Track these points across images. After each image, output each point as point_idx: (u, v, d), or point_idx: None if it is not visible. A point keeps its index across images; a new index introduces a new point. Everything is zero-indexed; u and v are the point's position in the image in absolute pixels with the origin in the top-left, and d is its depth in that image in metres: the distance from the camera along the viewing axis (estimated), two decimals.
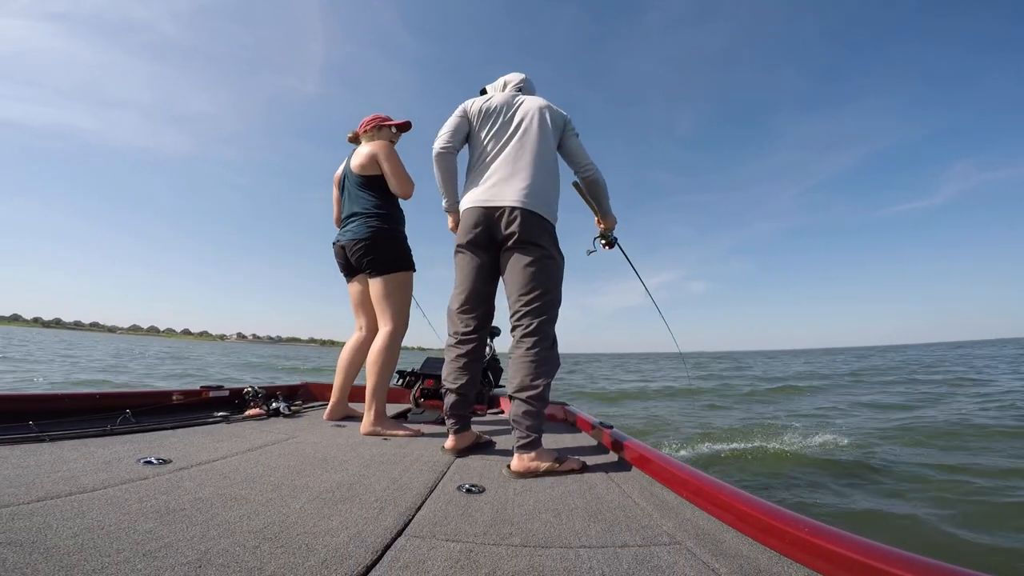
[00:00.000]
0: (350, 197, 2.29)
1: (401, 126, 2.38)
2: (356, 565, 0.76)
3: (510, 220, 1.62)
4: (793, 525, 0.83)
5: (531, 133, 1.72)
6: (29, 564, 0.68)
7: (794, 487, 3.47)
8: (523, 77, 1.95)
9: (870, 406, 7.74)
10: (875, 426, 5.78)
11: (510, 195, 1.63)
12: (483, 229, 1.66)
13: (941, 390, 9.56)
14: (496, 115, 1.76)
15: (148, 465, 1.30)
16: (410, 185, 2.23)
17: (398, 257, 2.24)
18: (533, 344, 1.58)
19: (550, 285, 1.64)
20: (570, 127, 1.82)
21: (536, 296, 1.61)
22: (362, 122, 2.37)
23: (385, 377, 2.15)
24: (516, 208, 1.62)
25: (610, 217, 2.01)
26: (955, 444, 4.64)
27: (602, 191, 1.89)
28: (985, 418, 5.85)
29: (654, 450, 1.50)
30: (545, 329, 1.62)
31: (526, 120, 1.74)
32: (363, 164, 2.23)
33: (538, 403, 1.54)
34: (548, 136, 1.74)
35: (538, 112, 1.75)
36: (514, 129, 1.73)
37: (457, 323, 1.76)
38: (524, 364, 1.57)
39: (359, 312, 2.44)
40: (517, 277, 1.63)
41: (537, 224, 1.64)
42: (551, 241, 1.67)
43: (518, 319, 1.63)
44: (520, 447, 1.50)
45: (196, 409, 2.39)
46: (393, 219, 2.28)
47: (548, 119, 1.75)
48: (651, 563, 0.83)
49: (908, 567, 0.63)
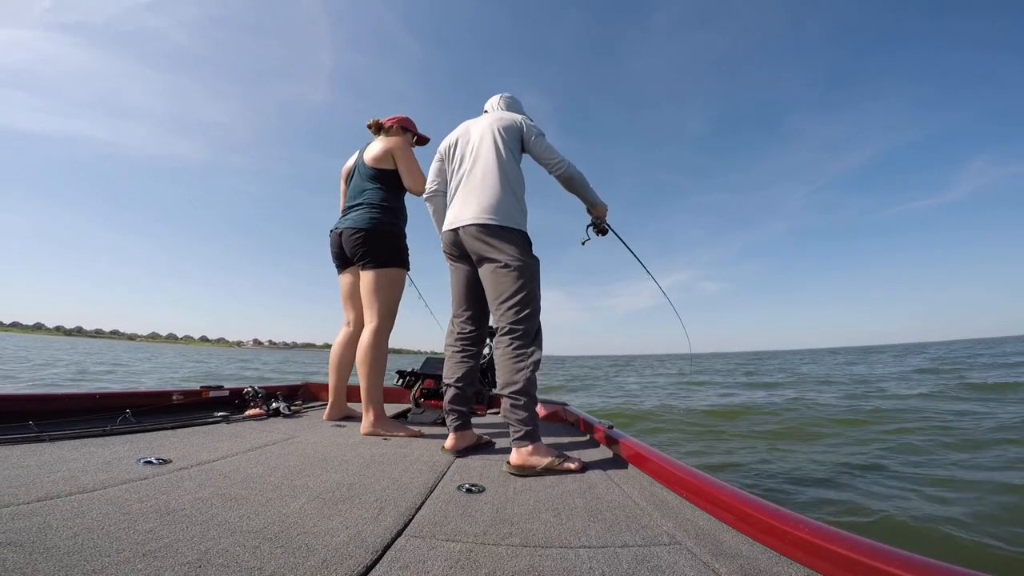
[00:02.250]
0: (357, 188, 2.31)
1: (420, 139, 2.48)
2: (356, 565, 0.76)
3: (469, 236, 1.75)
4: (793, 525, 0.83)
5: (482, 152, 1.82)
6: (29, 564, 0.68)
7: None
8: (499, 98, 2.06)
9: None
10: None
11: (468, 214, 1.76)
12: (455, 248, 1.83)
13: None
14: (455, 146, 1.91)
15: (148, 465, 1.30)
16: (423, 181, 2.26)
17: (393, 252, 2.24)
18: (509, 342, 1.67)
19: (517, 287, 1.70)
20: (529, 130, 1.85)
21: (506, 299, 1.70)
22: (391, 116, 2.42)
23: (377, 376, 2.15)
24: (471, 224, 1.74)
25: (599, 205, 2.02)
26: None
27: (578, 184, 1.91)
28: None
29: (654, 450, 1.50)
30: (522, 327, 1.68)
31: (476, 141, 1.85)
32: (378, 157, 2.26)
33: (521, 396, 1.59)
34: (499, 149, 1.80)
35: (488, 128, 1.85)
36: (468, 153, 1.85)
37: (454, 326, 1.91)
38: (503, 362, 1.66)
39: (348, 305, 2.44)
40: (488, 284, 1.76)
41: (497, 234, 1.72)
42: (513, 247, 1.72)
43: (497, 321, 1.74)
44: (515, 440, 1.56)
45: (196, 409, 2.39)
46: (396, 215, 2.29)
47: (498, 132, 1.83)
48: (651, 563, 0.83)
49: (908, 567, 0.63)
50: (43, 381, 9.29)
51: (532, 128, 1.85)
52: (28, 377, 9.90)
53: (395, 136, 2.34)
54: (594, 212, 2.06)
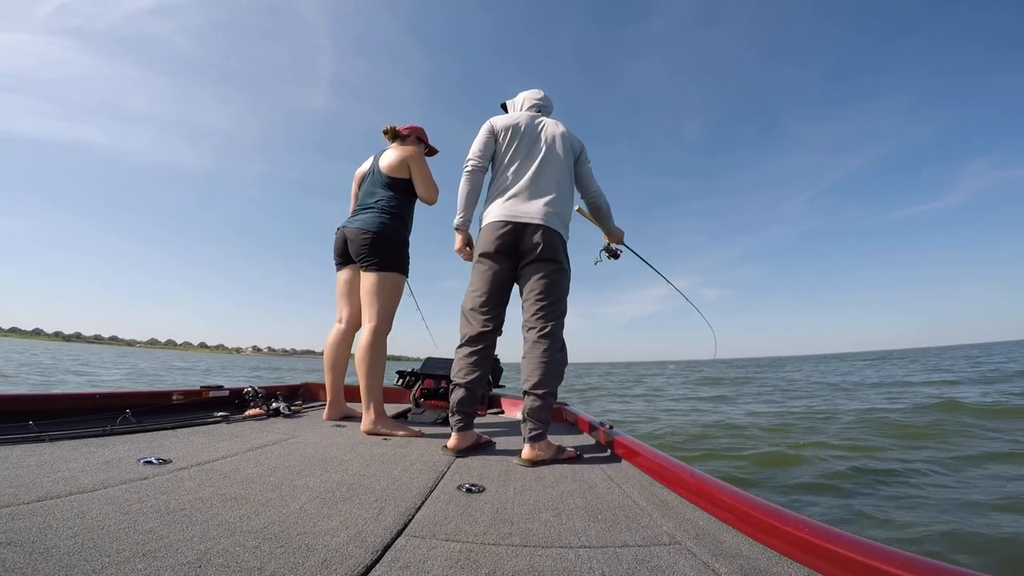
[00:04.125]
0: (369, 193, 2.33)
1: (431, 150, 2.52)
2: (356, 565, 0.76)
3: (534, 235, 1.77)
4: (793, 525, 0.83)
5: (553, 156, 1.87)
6: (29, 564, 0.68)
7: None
8: (542, 95, 2.06)
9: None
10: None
11: (535, 213, 1.78)
12: (508, 241, 1.79)
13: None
14: (521, 135, 1.89)
15: (148, 465, 1.30)
16: (436, 191, 2.34)
17: (397, 258, 2.26)
18: (548, 346, 1.73)
19: (562, 294, 1.81)
20: (584, 154, 1.97)
21: (551, 303, 1.77)
22: (407, 125, 2.46)
23: (376, 375, 2.16)
24: (541, 225, 1.77)
25: (614, 233, 2.16)
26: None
27: (605, 214, 2.08)
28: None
29: (654, 450, 1.50)
30: (557, 333, 1.77)
31: (549, 143, 1.88)
32: (393, 166, 2.29)
33: (550, 399, 1.71)
34: (568, 160, 1.90)
35: (560, 137, 1.90)
36: (537, 150, 1.87)
37: (474, 322, 1.84)
38: (539, 365, 1.71)
39: (343, 302, 2.45)
40: (536, 285, 1.78)
41: (556, 240, 1.80)
42: (565, 255, 1.84)
43: (534, 322, 1.77)
44: (531, 439, 1.65)
45: (196, 409, 2.39)
46: (403, 222, 2.32)
47: (568, 144, 1.91)
48: (651, 563, 0.83)
49: (908, 567, 0.63)
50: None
51: (587, 152, 1.98)
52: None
53: (411, 146, 2.36)
54: (611, 239, 2.19)
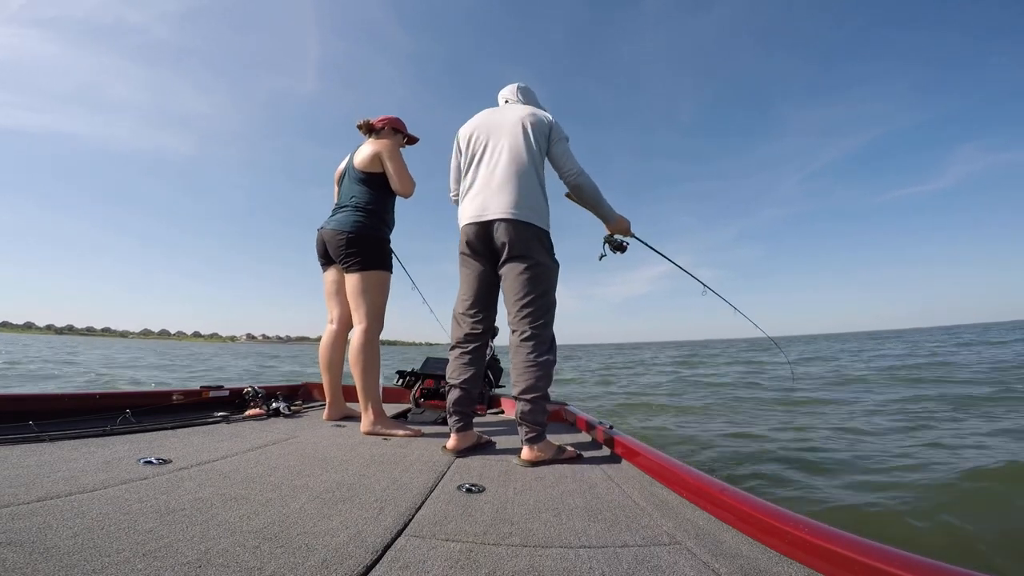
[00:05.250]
0: (347, 191, 2.31)
1: (410, 139, 2.47)
2: (356, 565, 0.76)
3: (501, 232, 1.70)
4: (793, 525, 0.83)
5: (513, 143, 1.76)
6: (29, 564, 0.68)
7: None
8: (516, 88, 2.00)
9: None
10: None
11: (498, 207, 1.70)
12: (479, 242, 1.76)
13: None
14: (477, 134, 1.84)
15: (148, 465, 1.31)
16: (411, 184, 2.26)
17: (376, 256, 2.23)
18: (532, 349, 1.68)
19: (543, 291, 1.72)
20: (556, 133, 1.81)
21: (531, 302, 1.70)
22: (381, 117, 2.40)
23: (371, 375, 2.15)
24: (506, 219, 1.69)
25: (613, 221, 1.93)
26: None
27: (590, 195, 1.85)
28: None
29: (654, 449, 1.50)
30: (541, 333, 1.71)
31: (508, 130, 1.79)
32: (365, 161, 2.25)
33: (541, 402, 1.66)
34: (530, 145, 1.76)
35: (518, 122, 1.79)
36: (496, 142, 1.79)
37: (463, 325, 1.84)
38: (526, 369, 1.67)
39: (332, 303, 2.44)
40: (513, 285, 1.72)
41: (527, 232, 1.70)
42: (542, 248, 1.73)
43: (516, 324, 1.73)
44: (527, 441, 1.64)
45: (196, 409, 2.39)
46: (380, 219, 2.28)
47: (529, 127, 1.77)
48: (651, 563, 0.83)
49: (908, 567, 0.63)
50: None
51: (560, 131, 1.81)
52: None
53: (385, 138, 2.32)
54: (612, 228, 1.95)
